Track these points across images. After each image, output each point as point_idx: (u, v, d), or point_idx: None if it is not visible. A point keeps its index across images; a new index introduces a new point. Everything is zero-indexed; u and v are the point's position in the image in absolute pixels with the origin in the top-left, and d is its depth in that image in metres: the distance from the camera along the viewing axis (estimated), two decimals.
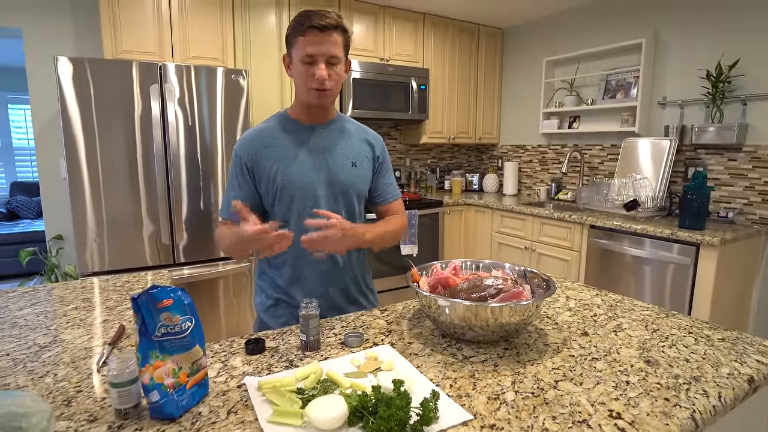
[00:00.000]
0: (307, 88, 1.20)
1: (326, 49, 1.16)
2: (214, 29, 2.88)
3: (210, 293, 2.68)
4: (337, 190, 1.29)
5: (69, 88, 2.22)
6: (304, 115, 1.29)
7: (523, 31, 4.10)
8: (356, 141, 1.35)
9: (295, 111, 1.31)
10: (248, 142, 1.27)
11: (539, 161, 4.07)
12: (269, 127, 1.30)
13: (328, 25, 1.14)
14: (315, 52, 1.15)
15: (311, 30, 1.14)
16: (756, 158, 2.66)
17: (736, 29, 2.68)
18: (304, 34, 1.15)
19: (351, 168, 1.31)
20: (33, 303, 1.32)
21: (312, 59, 1.16)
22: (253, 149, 1.26)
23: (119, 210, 2.40)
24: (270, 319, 1.33)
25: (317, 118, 1.30)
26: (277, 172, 1.24)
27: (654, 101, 3.13)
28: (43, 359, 0.97)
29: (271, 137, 1.27)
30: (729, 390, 0.84)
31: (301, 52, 1.17)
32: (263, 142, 1.26)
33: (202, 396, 0.81)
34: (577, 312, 1.24)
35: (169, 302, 0.77)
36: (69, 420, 0.75)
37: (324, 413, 0.70)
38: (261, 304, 1.36)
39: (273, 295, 1.32)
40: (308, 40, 1.15)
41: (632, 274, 2.67)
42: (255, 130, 1.30)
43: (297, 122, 1.30)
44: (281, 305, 1.32)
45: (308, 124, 1.30)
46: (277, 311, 1.32)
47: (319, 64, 1.16)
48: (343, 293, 1.35)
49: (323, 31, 1.14)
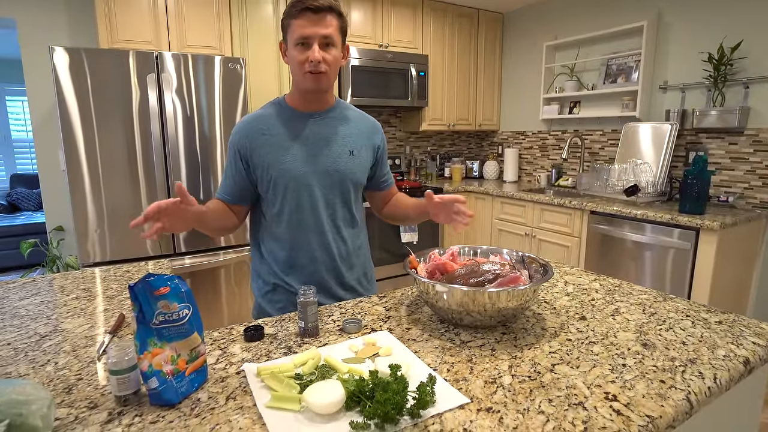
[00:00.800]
0: (302, 73, 1.18)
1: (319, 30, 1.14)
2: (211, 17, 2.85)
3: (212, 282, 2.70)
4: (334, 179, 1.28)
5: (66, 78, 2.21)
6: (301, 103, 1.27)
7: (523, 15, 4.05)
8: (356, 129, 1.33)
9: (293, 98, 1.29)
10: (243, 130, 1.26)
11: (539, 147, 4.05)
12: (266, 114, 1.28)
13: (322, 7, 1.13)
14: (309, 34, 1.13)
15: (305, 12, 1.12)
16: (757, 141, 2.64)
17: (739, 10, 2.64)
18: (297, 17, 1.13)
19: (348, 157, 1.29)
20: (34, 293, 1.33)
21: (306, 41, 1.15)
22: (249, 137, 1.24)
23: (119, 200, 2.40)
24: (267, 305, 1.33)
25: (315, 105, 1.28)
26: (272, 161, 1.23)
27: (655, 85, 3.10)
28: (43, 348, 0.98)
29: (267, 125, 1.25)
30: (724, 372, 0.84)
31: (295, 35, 1.15)
32: (259, 129, 1.25)
33: (201, 382, 0.82)
34: (575, 296, 1.24)
35: (166, 290, 0.77)
36: (70, 407, 0.76)
37: (321, 398, 0.71)
38: (259, 289, 1.36)
39: (270, 280, 1.32)
40: (302, 23, 1.13)
41: (632, 259, 2.67)
42: (251, 116, 1.28)
43: (294, 110, 1.28)
44: (279, 291, 1.32)
45: (305, 111, 1.28)
46: (275, 296, 1.33)
47: (313, 47, 1.14)
48: (338, 281, 1.34)
49: (317, 12, 1.13)
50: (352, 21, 3.40)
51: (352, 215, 1.35)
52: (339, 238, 1.32)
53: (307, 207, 1.26)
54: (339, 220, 1.32)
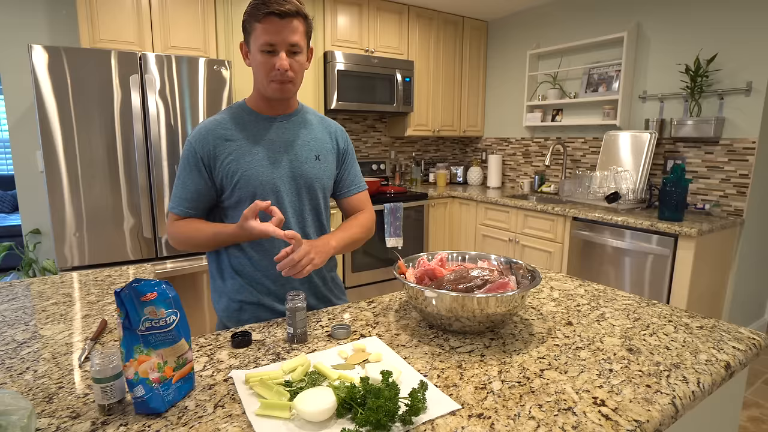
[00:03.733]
0: (267, 80, 1.13)
1: (287, 37, 1.08)
2: (196, 18, 2.82)
3: (193, 287, 2.65)
4: (300, 185, 1.23)
5: (44, 78, 2.15)
6: (264, 107, 1.22)
7: (507, 24, 4.11)
8: (319, 133, 1.29)
9: (255, 102, 1.23)
10: (204, 135, 1.17)
11: (523, 154, 4.10)
12: (226, 118, 1.21)
13: (289, 12, 1.07)
14: (275, 41, 1.08)
15: (270, 17, 1.06)
16: (732, 151, 2.73)
17: (714, 24, 2.73)
18: (261, 21, 1.07)
19: (315, 161, 1.25)
20: (10, 299, 1.28)
21: (272, 48, 1.09)
22: (210, 143, 1.16)
23: (99, 203, 2.35)
24: (235, 324, 1.24)
25: (279, 110, 1.23)
26: (237, 167, 1.16)
27: (635, 95, 3.18)
28: (21, 356, 0.94)
29: (229, 130, 1.18)
30: (707, 376, 0.86)
31: (260, 40, 1.09)
32: (221, 134, 1.17)
33: (188, 390, 0.80)
34: (561, 302, 1.26)
35: (153, 296, 0.75)
36: (51, 417, 0.73)
37: (312, 405, 0.70)
38: (224, 310, 1.26)
39: (237, 298, 1.24)
40: (267, 28, 1.07)
41: (613, 265, 2.72)
42: (210, 122, 1.20)
43: (257, 114, 1.22)
44: (246, 309, 1.24)
45: (269, 115, 1.23)
46: (242, 315, 1.24)
47: (279, 54, 1.10)
48: (312, 291, 1.30)
49: (283, 17, 1.07)
50: (338, 26, 3.40)
51: (320, 222, 1.31)
52: None
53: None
54: (308, 227, 1.27)
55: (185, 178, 1.18)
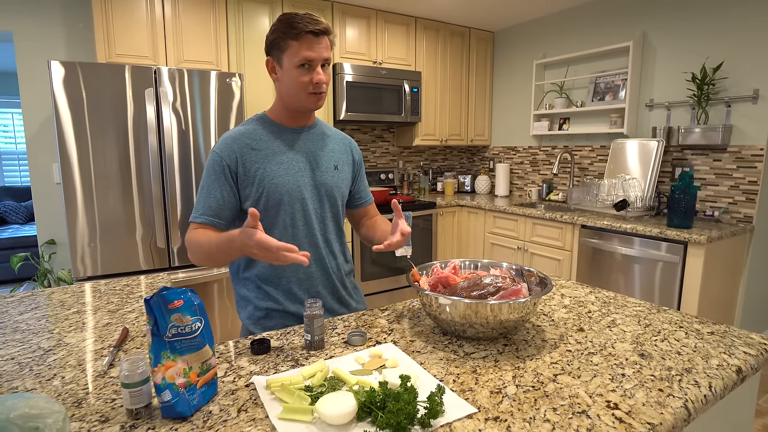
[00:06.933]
0: (306, 93, 1.20)
1: (321, 53, 1.18)
2: (208, 32, 2.88)
3: (205, 297, 2.68)
4: (322, 193, 1.30)
5: (61, 92, 2.22)
6: (288, 119, 1.28)
7: (513, 34, 4.16)
8: (337, 145, 1.37)
9: (277, 114, 1.29)
10: (230, 144, 1.22)
11: (530, 162, 4.12)
12: (250, 129, 1.26)
13: (323, 31, 1.17)
14: (312, 57, 1.16)
15: (307, 35, 1.15)
16: (740, 158, 2.73)
17: (720, 32, 2.76)
18: (298, 39, 1.15)
19: (334, 171, 1.32)
20: (33, 308, 1.32)
21: (310, 64, 1.18)
22: (237, 151, 1.21)
23: (113, 214, 2.40)
24: (260, 331, 1.28)
25: (300, 122, 1.30)
26: (264, 175, 1.21)
27: (642, 103, 3.19)
28: (48, 362, 0.98)
29: (254, 139, 1.24)
30: (719, 380, 0.87)
31: (297, 56, 1.16)
32: (247, 143, 1.23)
33: (212, 395, 0.83)
34: (573, 309, 1.27)
35: (179, 303, 0.78)
36: (81, 421, 0.76)
37: (334, 409, 0.73)
38: (249, 317, 1.29)
39: (262, 305, 1.28)
40: (304, 46, 1.15)
41: (622, 273, 2.73)
42: (235, 132, 1.25)
43: (280, 125, 1.28)
44: (273, 316, 1.28)
45: (293, 126, 1.30)
46: (268, 322, 1.28)
47: (316, 69, 1.18)
48: (334, 296, 1.35)
49: (318, 36, 1.16)
50: (347, 38, 3.46)
51: (340, 229, 1.38)
52: (330, 252, 1.34)
53: (300, 221, 1.26)
54: (329, 233, 1.33)
55: (210, 185, 1.20)
